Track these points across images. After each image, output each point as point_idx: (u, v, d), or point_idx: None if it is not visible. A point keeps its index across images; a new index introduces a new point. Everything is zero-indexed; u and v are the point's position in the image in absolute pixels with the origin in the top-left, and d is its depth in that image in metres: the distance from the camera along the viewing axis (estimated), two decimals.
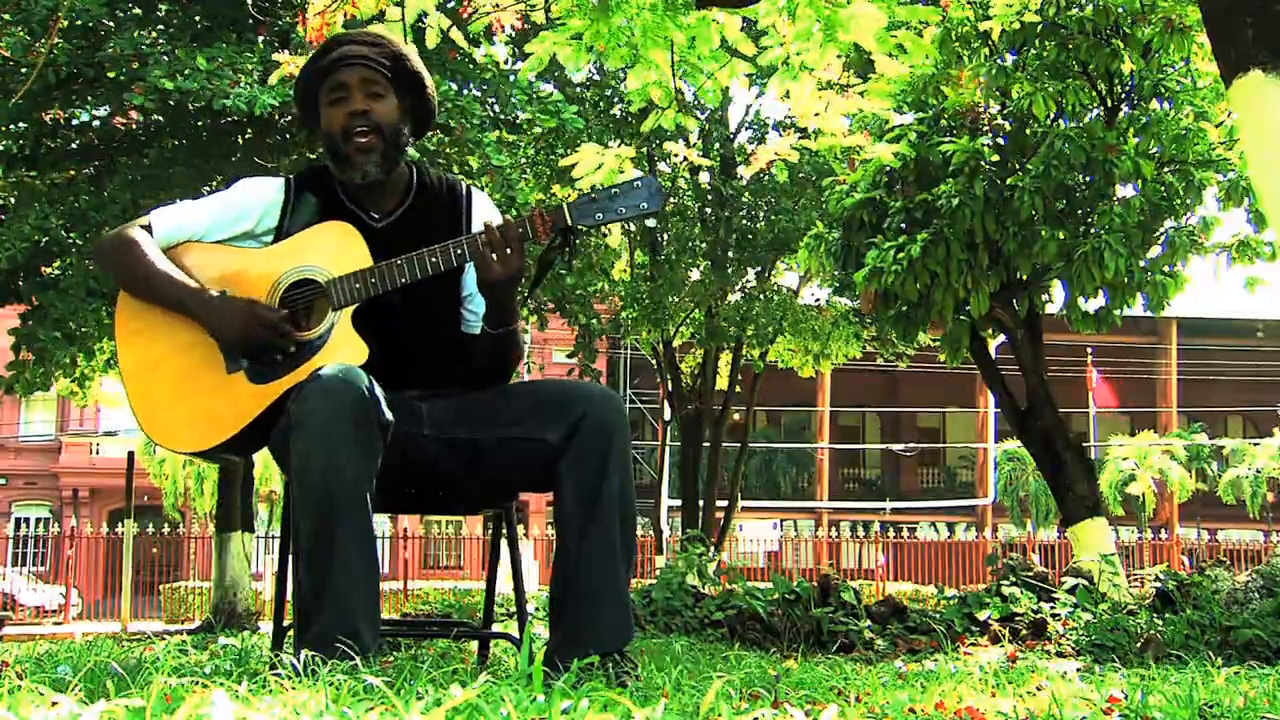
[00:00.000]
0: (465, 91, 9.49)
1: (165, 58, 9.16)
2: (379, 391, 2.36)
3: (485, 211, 2.74)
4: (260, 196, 2.65)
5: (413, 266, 2.49)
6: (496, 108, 10.51)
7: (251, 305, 2.50)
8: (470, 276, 2.65)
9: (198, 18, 10.09)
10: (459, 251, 2.49)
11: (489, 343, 2.61)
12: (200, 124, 10.92)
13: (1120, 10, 7.87)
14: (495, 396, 2.60)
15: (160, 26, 9.85)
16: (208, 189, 10.21)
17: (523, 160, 10.98)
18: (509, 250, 2.46)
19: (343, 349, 2.48)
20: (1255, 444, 32.43)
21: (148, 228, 2.61)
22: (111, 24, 9.49)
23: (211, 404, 2.50)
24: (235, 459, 2.72)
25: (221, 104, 8.79)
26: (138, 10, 9.98)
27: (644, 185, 2.52)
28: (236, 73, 8.94)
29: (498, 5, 5.01)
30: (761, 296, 16.98)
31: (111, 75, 9.45)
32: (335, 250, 2.55)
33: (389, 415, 2.38)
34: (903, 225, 8.78)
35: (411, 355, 2.60)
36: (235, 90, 8.83)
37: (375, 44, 2.66)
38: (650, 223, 15.91)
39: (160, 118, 10.88)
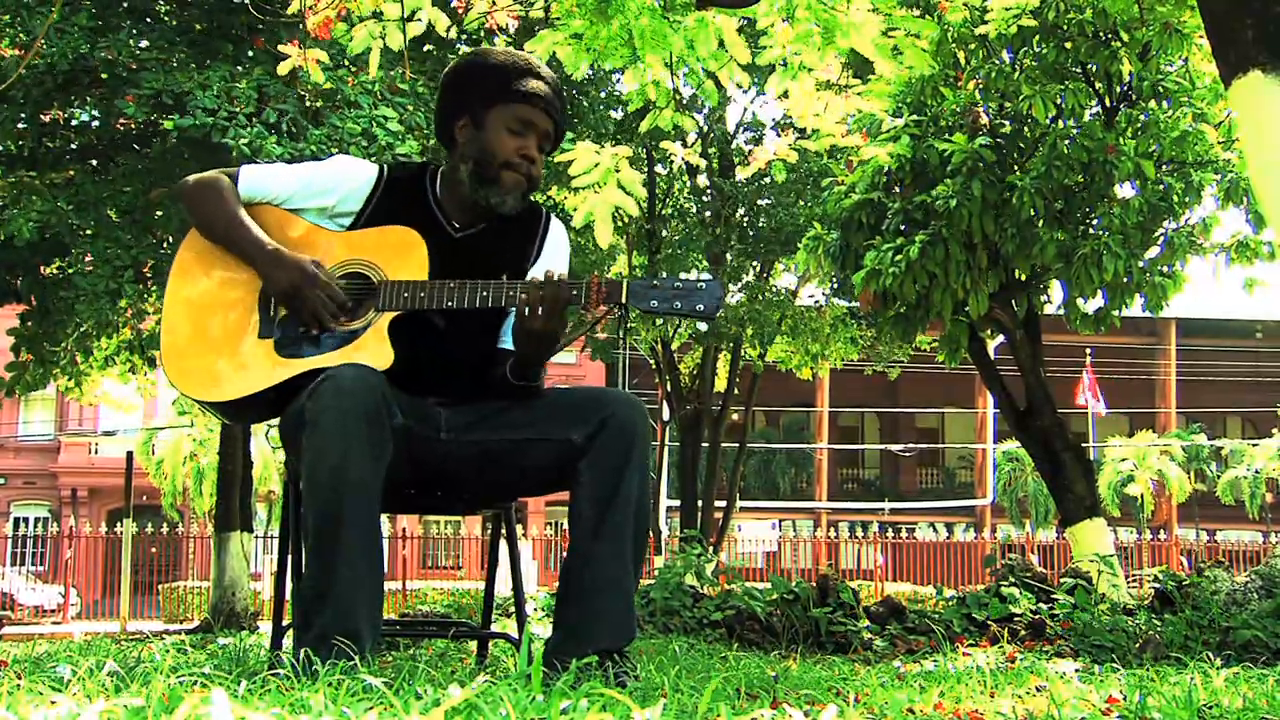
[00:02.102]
0: None
1: (159, 65, 9.13)
2: (392, 394, 2.37)
3: (559, 243, 2.75)
4: (350, 178, 2.66)
5: (463, 294, 2.50)
6: None
7: (314, 263, 2.53)
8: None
9: (197, 25, 10.06)
10: (512, 293, 2.49)
11: (511, 385, 2.62)
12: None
13: (1118, 14, 7.87)
14: (516, 401, 2.61)
15: (154, 34, 9.82)
16: None
17: None
18: (555, 310, 2.47)
19: (371, 349, 2.49)
20: (1254, 444, 32.44)
21: (234, 178, 2.65)
22: (102, 27, 9.47)
23: (234, 360, 2.52)
24: (236, 420, 2.77)
25: (222, 140, 8.78)
26: (128, 19, 9.95)
27: (707, 290, 2.51)
28: (233, 100, 8.91)
29: (494, 4, 5.00)
30: (761, 297, 16.98)
31: (105, 78, 9.44)
32: (397, 255, 2.56)
33: (401, 418, 2.40)
34: (901, 226, 8.78)
35: (441, 372, 2.60)
36: (236, 127, 8.79)
37: (559, 94, 2.68)
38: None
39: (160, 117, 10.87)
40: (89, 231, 9.80)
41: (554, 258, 2.72)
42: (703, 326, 15.77)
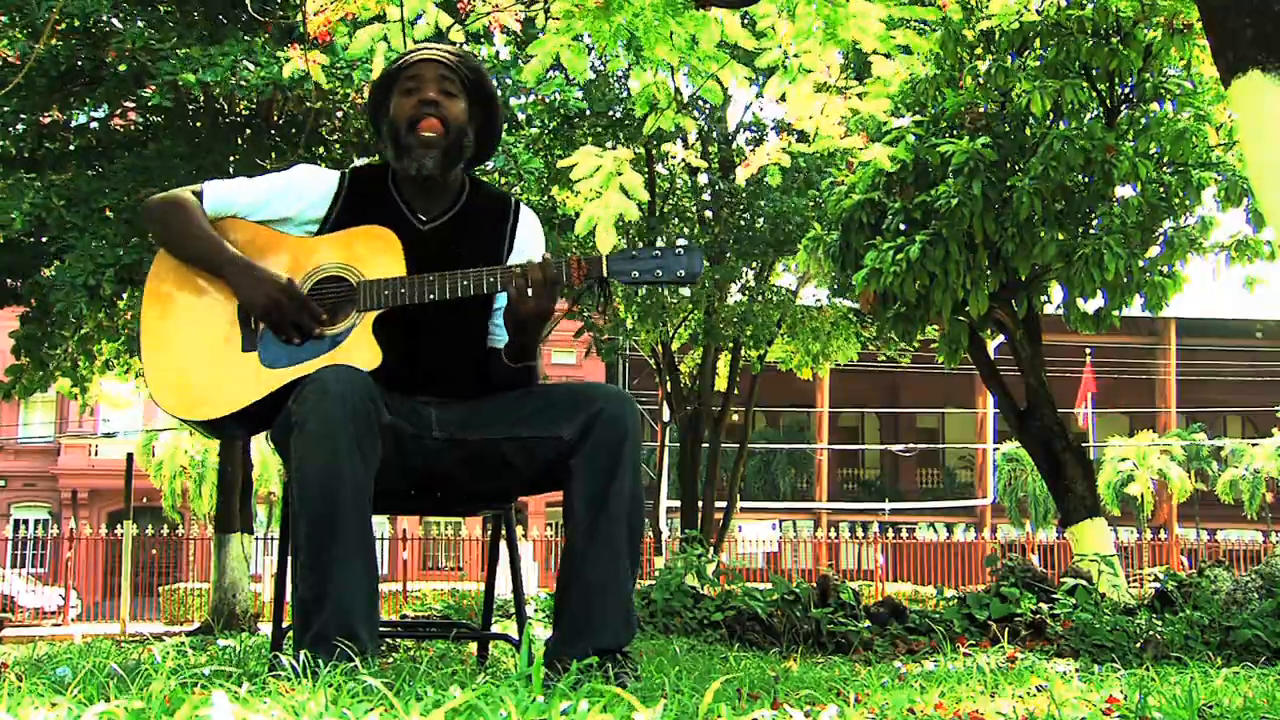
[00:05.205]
0: None
1: (178, 53, 9.14)
2: (379, 393, 2.36)
3: (531, 230, 2.74)
4: (313, 186, 2.66)
5: (444, 285, 2.49)
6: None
7: (286, 279, 2.52)
8: (503, 295, 2.65)
9: (198, 15, 10.08)
10: (491, 280, 2.49)
11: (507, 372, 2.63)
12: (200, 124, 10.91)
13: (1122, 10, 7.87)
14: (507, 398, 2.61)
15: (168, 24, 9.83)
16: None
17: (522, 162, 10.97)
18: (545, 291, 2.47)
19: (357, 350, 2.49)
20: (1254, 444, 32.41)
21: (199, 195, 2.64)
22: (114, 22, 9.47)
23: (220, 377, 2.52)
24: (230, 436, 2.75)
25: (241, 89, 8.81)
26: (139, 8, 9.97)
27: (686, 254, 2.54)
28: (253, 64, 8.95)
29: (497, 6, 5.00)
30: (760, 297, 16.97)
31: (122, 69, 9.44)
32: (372, 254, 2.56)
33: (389, 417, 2.39)
34: (902, 226, 8.78)
35: (430, 368, 2.60)
36: (252, 75, 8.84)
37: (457, 54, 2.69)
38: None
39: (160, 119, 10.86)
40: (78, 225, 9.76)
41: (529, 247, 2.71)
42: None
